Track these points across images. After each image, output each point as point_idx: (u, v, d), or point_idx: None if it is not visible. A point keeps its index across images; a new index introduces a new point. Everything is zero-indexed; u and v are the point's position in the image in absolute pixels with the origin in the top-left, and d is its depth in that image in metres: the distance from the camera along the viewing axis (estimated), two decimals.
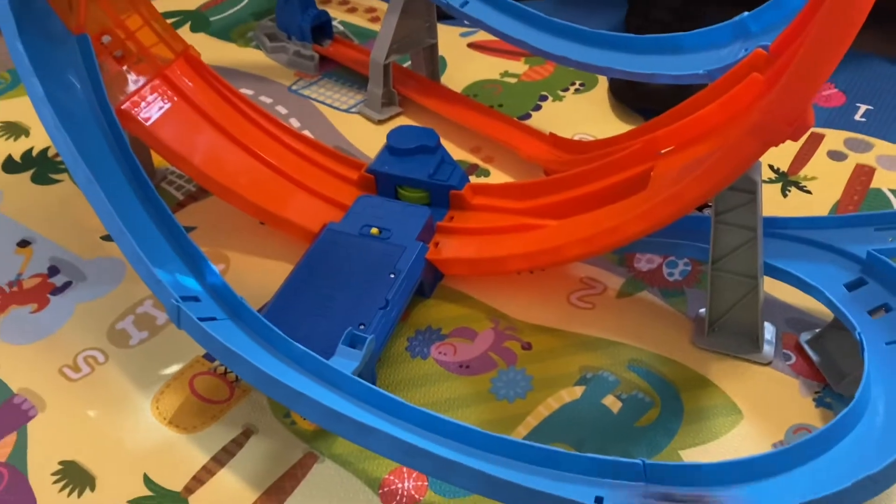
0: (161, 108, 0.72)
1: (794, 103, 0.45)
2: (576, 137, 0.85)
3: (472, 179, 0.81)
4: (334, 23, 1.06)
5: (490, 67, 0.98)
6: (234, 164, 0.73)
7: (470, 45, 1.02)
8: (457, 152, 0.85)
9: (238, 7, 1.13)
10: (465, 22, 0.84)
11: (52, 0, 0.67)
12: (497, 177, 0.82)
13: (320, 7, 1.05)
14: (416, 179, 0.74)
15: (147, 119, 0.70)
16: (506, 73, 0.97)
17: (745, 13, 0.62)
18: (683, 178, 0.53)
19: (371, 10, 1.12)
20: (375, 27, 1.08)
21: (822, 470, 0.45)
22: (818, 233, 0.60)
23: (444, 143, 0.85)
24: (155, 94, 0.73)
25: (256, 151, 0.75)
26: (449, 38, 1.01)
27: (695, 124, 0.59)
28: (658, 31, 0.90)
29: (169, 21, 1.09)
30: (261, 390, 0.53)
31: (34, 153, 0.87)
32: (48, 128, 0.61)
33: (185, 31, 1.08)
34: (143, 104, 0.71)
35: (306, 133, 0.89)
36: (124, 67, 0.72)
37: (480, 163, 0.84)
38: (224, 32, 1.08)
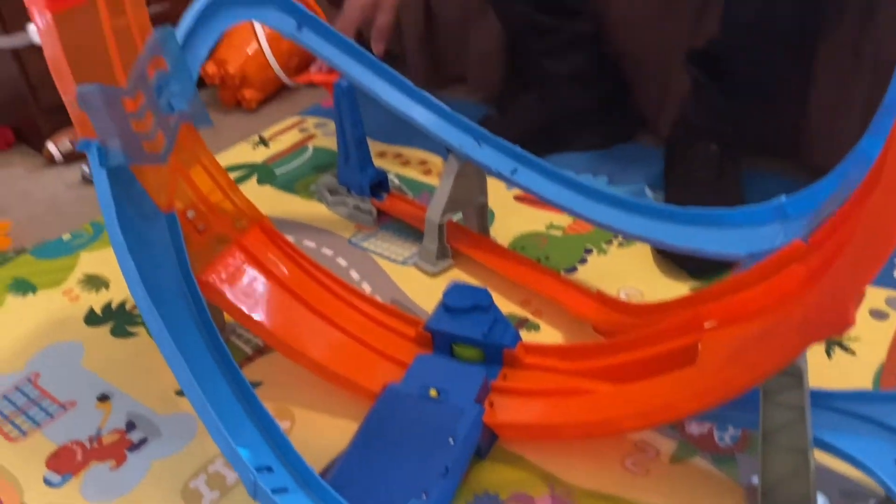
0: (237, 275, 0.78)
1: (836, 307, 0.49)
2: (622, 293, 0.89)
3: (523, 333, 0.86)
4: (390, 175, 1.14)
5: (536, 219, 1.04)
6: (302, 326, 0.79)
7: (516, 198, 1.08)
8: (507, 305, 0.90)
9: (301, 160, 1.22)
10: None
11: (147, 183, 0.75)
12: (546, 331, 0.86)
13: (376, 159, 1.13)
14: (472, 338, 0.78)
15: (224, 288, 0.76)
16: (551, 226, 1.02)
17: (783, 197, 0.67)
18: (732, 363, 0.56)
19: (423, 162, 1.20)
20: (427, 179, 1.15)
21: None
22: (866, 407, 0.62)
23: (495, 295, 0.90)
24: (232, 263, 0.79)
25: (322, 311, 0.80)
26: (497, 192, 1.07)
27: (739, 304, 0.62)
28: (698, 189, 0.96)
29: (238, 173, 1.20)
30: None
31: (114, 306, 0.94)
32: (140, 303, 0.67)
33: (252, 184, 1.17)
34: (221, 273, 0.78)
35: (365, 285, 0.94)
36: (205, 239, 0.79)
37: (530, 316, 0.88)
38: (289, 185, 1.16)
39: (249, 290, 0.78)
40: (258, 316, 0.76)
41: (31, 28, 1.16)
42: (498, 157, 0.90)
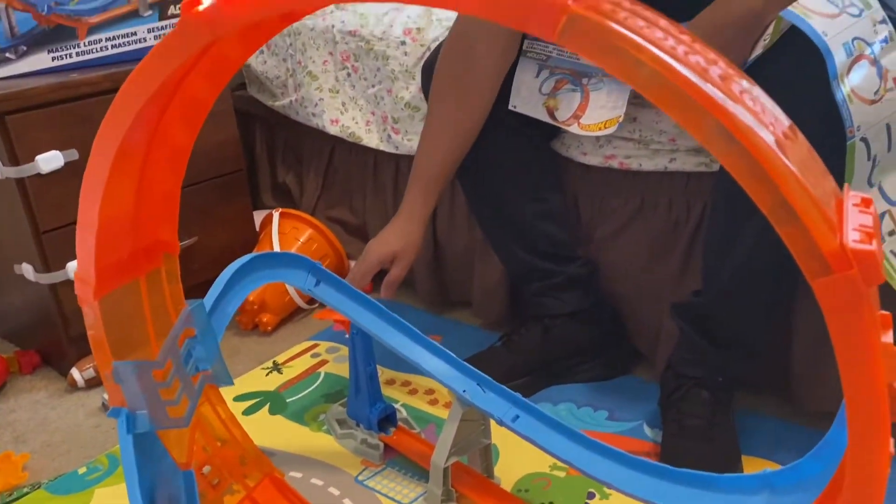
0: None
1: None
2: None
3: None
4: (397, 405, 1.18)
5: (539, 458, 1.06)
6: None
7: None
8: None
9: (312, 388, 1.28)
10: None
11: (168, 442, 0.79)
12: None
13: (384, 387, 1.18)
14: None
15: None
16: (554, 466, 1.05)
17: (769, 470, 0.70)
18: None
19: (430, 391, 1.25)
20: (434, 410, 1.20)
21: None
22: None
23: None
24: None
25: None
26: (500, 428, 1.11)
27: None
28: (691, 438, 0.99)
29: (250, 402, 1.24)
30: None
31: None
32: None
33: (264, 413, 1.22)
34: None
35: None
36: (219, 493, 0.82)
37: None
38: (299, 415, 1.21)
39: None
40: None
41: (70, 266, 1.26)
42: (501, 403, 0.95)
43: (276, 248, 1.51)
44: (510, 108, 1.11)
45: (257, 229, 1.64)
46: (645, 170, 1.12)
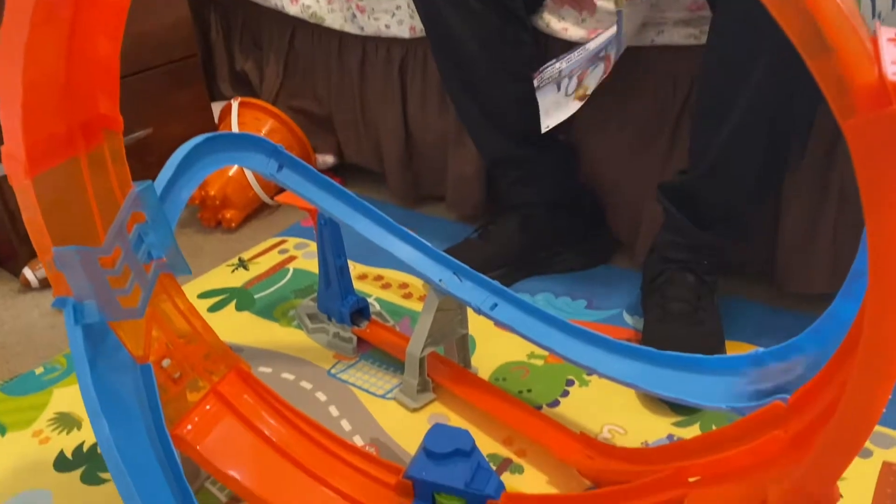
0: (212, 426, 0.77)
1: (820, 485, 0.48)
2: (605, 429, 0.88)
3: (506, 476, 0.84)
4: (370, 300, 1.14)
5: (517, 348, 1.03)
6: (278, 479, 0.76)
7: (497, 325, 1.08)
8: (489, 444, 0.88)
9: (280, 284, 1.22)
10: None
11: (122, 334, 0.74)
12: (530, 473, 0.84)
13: (357, 282, 1.13)
14: (453, 488, 0.76)
15: (199, 442, 0.74)
16: (532, 355, 1.02)
17: (761, 350, 0.67)
18: None
19: (404, 285, 1.20)
20: (408, 304, 1.15)
21: None
22: None
23: (478, 433, 0.88)
24: (207, 412, 0.77)
25: (301, 462, 0.78)
26: (478, 319, 1.07)
27: (720, 463, 0.61)
28: (674, 322, 0.96)
29: (216, 299, 1.19)
30: None
31: (85, 448, 0.91)
32: (110, 466, 0.65)
33: (230, 310, 1.16)
34: (196, 423, 0.76)
35: (344, 423, 0.92)
36: (180, 388, 0.77)
37: (514, 457, 0.87)
38: (268, 311, 1.16)
39: (224, 443, 0.76)
40: (232, 471, 0.74)
41: None
42: (478, 291, 0.91)
43: None
44: (543, 131, 1.03)
45: (216, 122, 1.55)
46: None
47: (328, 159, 1.51)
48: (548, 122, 1.04)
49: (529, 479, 0.83)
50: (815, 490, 0.49)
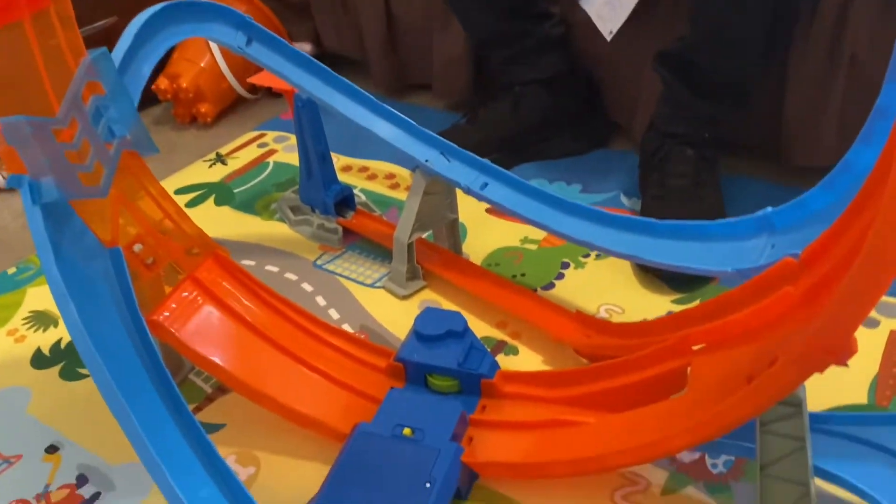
0: (189, 312, 0.73)
1: (837, 335, 0.45)
2: (602, 309, 0.85)
3: (501, 357, 0.81)
4: (355, 191, 1.09)
5: (510, 233, 0.99)
6: (263, 364, 0.73)
7: (488, 211, 1.04)
8: (483, 328, 0.85)
9: (260, 178, 1.17)
10: None
11: (87, 217, 0.69)
12: (525, 354, 0.82)
13: (341, 174, 1.08)
14: (446, 368, 0.73)
15: (175, 327, 0.71)
16: (526, 240, 0.98)
17: (769, 209, 0.63)
18: (726, 395, 0.52)
19: (391, 176, 1.15)
20: (395, 194, 1.11)
21: None
22: (868, 430, 0.59)
23: (470, 317, 0.85)
24: (184, 299, 0.73)
25: (285, 346, 0.75)
26: (468, 205, 1.02)
27: (727, 327, 0.58)
28: (674, 198, 0.92)
29: (194, 194, 1.14)
30: None
31: (63, 345, 0.88)
32: (83, 352, 0.61)
33: (209, 205, 1.11)
34: (172, 310, 0.72)
35: (332, 312, 0.89)
36: (155, 274, 0.73)
37: (508, 339, 0.84)
38: (248, 205, 1.11)
39: (204, 329, 0.72)
40: (215, 356, 0.71)
41: None
42: (467, 171, 0.86)
43: None
44: (609, 38, 0.96)
45: None
46: None
47: (305, 47, 1.42)
48: (609, 27, 0.96)
49: (525, 361, 0.81)
50: (832, 342, 0.46)
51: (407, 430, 0.68)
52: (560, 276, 0.91)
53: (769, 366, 0.49)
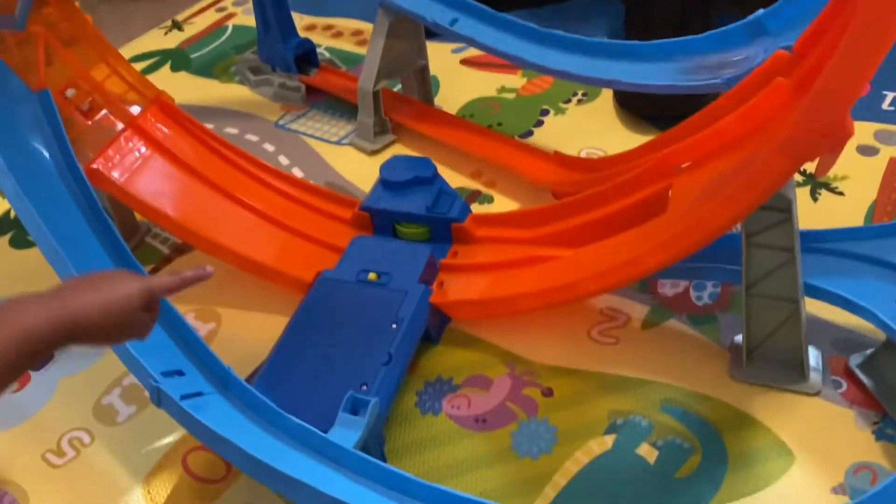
0: (134, 161, 0.67)
1: (831, 112, 0.40)
2: (583, 153, 0.80)
3: (475, 207, 0.76)
4: (320, 49, 1.01)
5: (486, 84, 0.93)
6: (217, 215, 0.68)
7: (463, 62, 0.97)
8: (456, 179, 0.80)
9: (219, 42, 1.09)
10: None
11: (8, 58, 0.62)
12: (501, 202, 0.77)
13: (304, 34, 1.00)
14: (414, 214, 0.69)
15: (119, 176, 0.66)
16: (503, 89, 0.91)
17: (761, 10, 0.56)
18: (706, 202, 0.47)
19: (358, 32, 1.07)
20: (362, 50, 1.03)
21: None
22: (861, 245, 0.54)
23: (443, 170, 0.80)
24: (127, 147, 0.68)
25: (240, 198, 0.70)
26: (440, 56, 0.95)
27: (713, 137, 0.53)
28: (664, 35, 0.84)
29: (148, 62, 1.06)
30: (252, 477, 0.47)
31: (12, 215, 0.83)
32: (11, 199, 0.57)
33: (165, 72, 1.04)
34: (114, 159, 0.67)
35: (296, 171, 0.84)
36: (92, 121, 0.67)
37: (482, 188, 0.79)
38: (206, 69, 1.03)
39: (149, 177, 0.67)
40: (161, 205, 0.66)
41: None
42: (435, 5, 0.78)
43: None
44: None
45: None
46: None
47: None
48: None
49: (500, 208, 0.76)
50: (826, 121, 0.40)
51: (372, 275, 0.63)
52: (539, 124, 0.85)
53: (756, 159, 0.44)
